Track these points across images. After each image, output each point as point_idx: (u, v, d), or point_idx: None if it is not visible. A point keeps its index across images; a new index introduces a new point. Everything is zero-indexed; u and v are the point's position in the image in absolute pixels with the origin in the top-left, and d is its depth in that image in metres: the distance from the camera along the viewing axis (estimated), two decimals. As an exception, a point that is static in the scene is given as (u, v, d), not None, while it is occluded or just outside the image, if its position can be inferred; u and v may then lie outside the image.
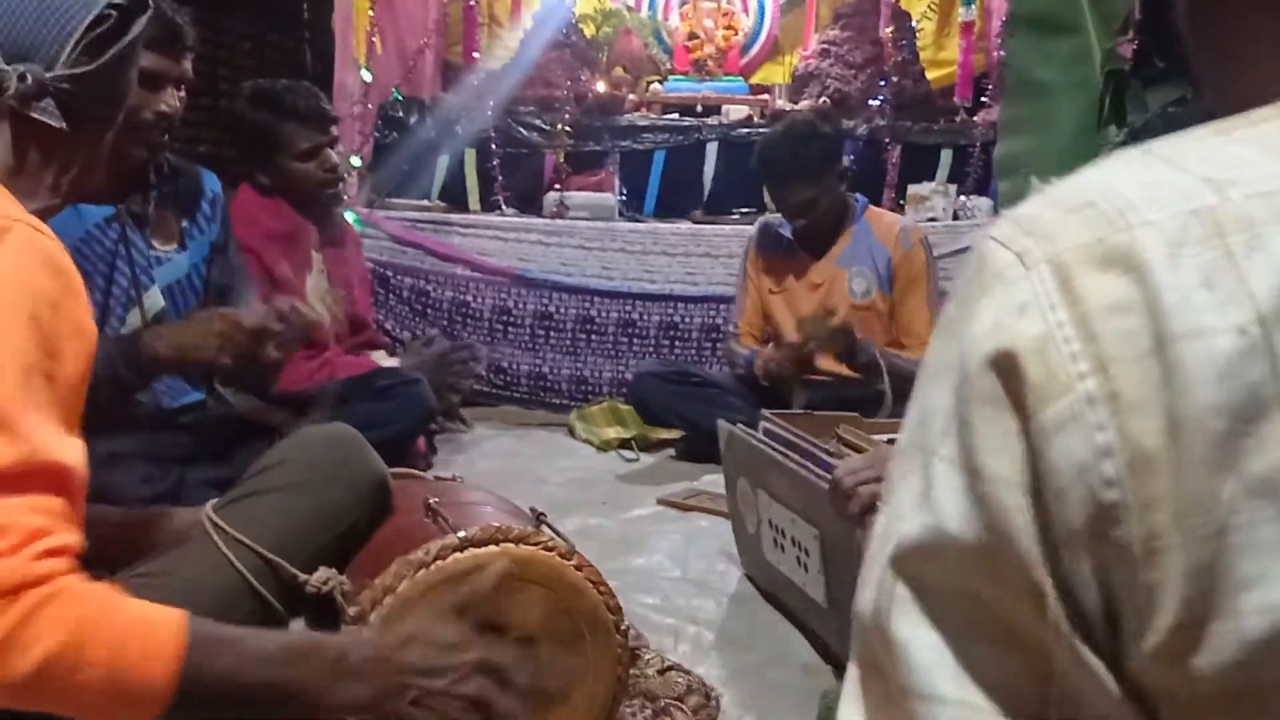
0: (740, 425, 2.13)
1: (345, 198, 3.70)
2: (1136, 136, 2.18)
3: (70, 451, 0.92)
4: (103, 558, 1.26)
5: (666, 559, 2.31)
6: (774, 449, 1.92)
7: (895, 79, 4.24)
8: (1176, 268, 0.37)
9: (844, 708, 0.45)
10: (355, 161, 3.87)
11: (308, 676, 0.99)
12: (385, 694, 1.02)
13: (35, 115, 1.03)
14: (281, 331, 1.76)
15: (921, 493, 0.42)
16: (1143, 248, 0.38)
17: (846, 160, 3.20)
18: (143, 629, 0.91)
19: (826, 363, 2.95)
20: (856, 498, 1.53)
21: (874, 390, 2.78)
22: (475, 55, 4.31)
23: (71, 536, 0.91)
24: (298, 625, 1.32)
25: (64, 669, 0.86)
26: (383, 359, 2.96)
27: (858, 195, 3.16)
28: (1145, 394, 0.37)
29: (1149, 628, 0.37)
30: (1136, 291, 0.38)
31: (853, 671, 0.46)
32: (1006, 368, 0.39)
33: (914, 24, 4.28)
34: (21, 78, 1.02)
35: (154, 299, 2.00)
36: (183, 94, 1.89)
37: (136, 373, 1.74)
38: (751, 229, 3.33)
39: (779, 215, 3.29)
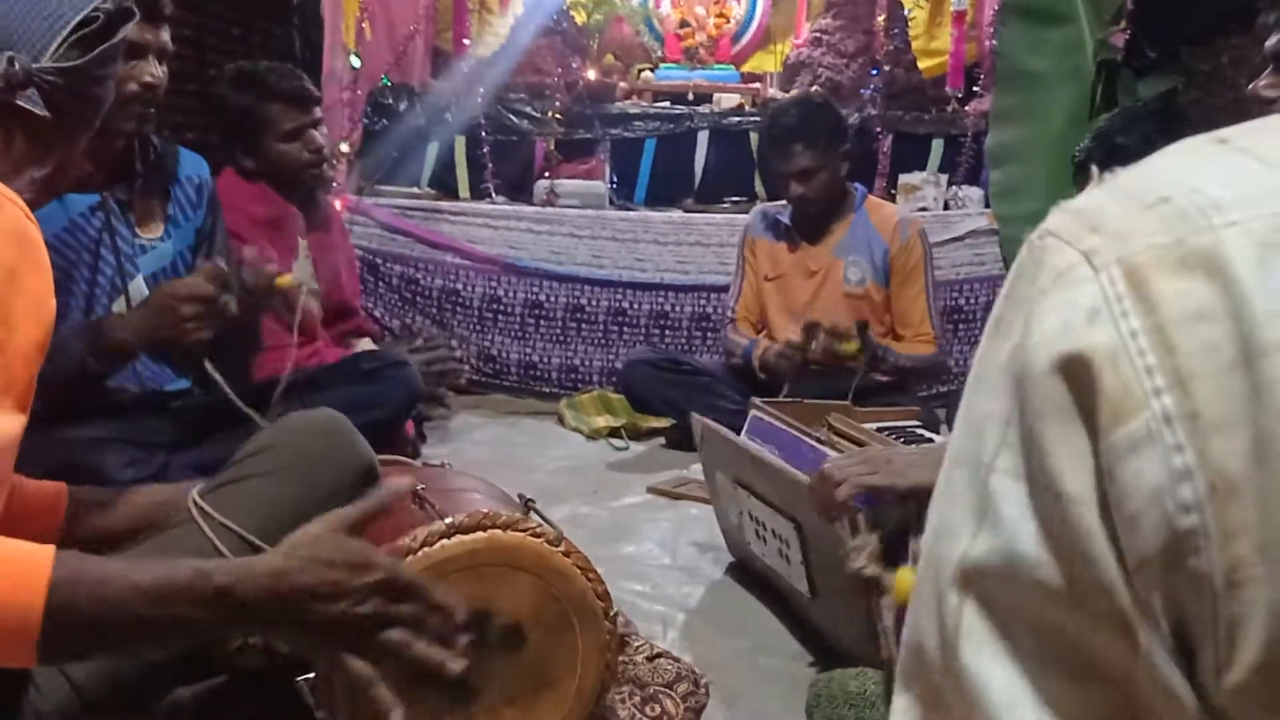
0: (711, 419, 2.10)
1: (334, 184, 3.68)
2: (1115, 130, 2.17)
3: (7, 420, 0.91)
4: (92, 537, 1.26)
5: (656, 547, 2.31)
6: (747, 443, 1.91)
7: (887, 68, 4.24)
8: (1267, 273, 0.34)
9: None
10: (343, 148, 3.85)
11: (187, 614, 0.93)
12: (279, 624, 0.97)
13: (19, 103, 1.06)
14: (234, 280, 1.76)
15: (978, 509, 0.38)
16: (1228, 251, 0.34)
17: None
18: (9, 560, 0.89)
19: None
20: (846, 485, 1.52)
21: (868, 380, 2.80)
22: (465, 42, 4.28)
23: None
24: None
25: None
26: (369, 347, 2.94)
27: (857, 185, 3.16)
28: (1228, 412, 0.34)
29: (1231, 664, 0.34)
30: (1220, 299, 0.34)
31: (905, 704, 0.42)
32: (1077, 376, 0.36)
33: (906, 13, 4.27)
34: (10, 62, 1.04)
35: (139, 287, 1.98)
36: (164, 67, 1.88)
37: (102, 360, 1.72)
38: (745, 217, 3.33)
39: (775, 203, 3.29)
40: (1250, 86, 1.49)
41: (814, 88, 4.22)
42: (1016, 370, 0.38)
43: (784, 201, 3.22)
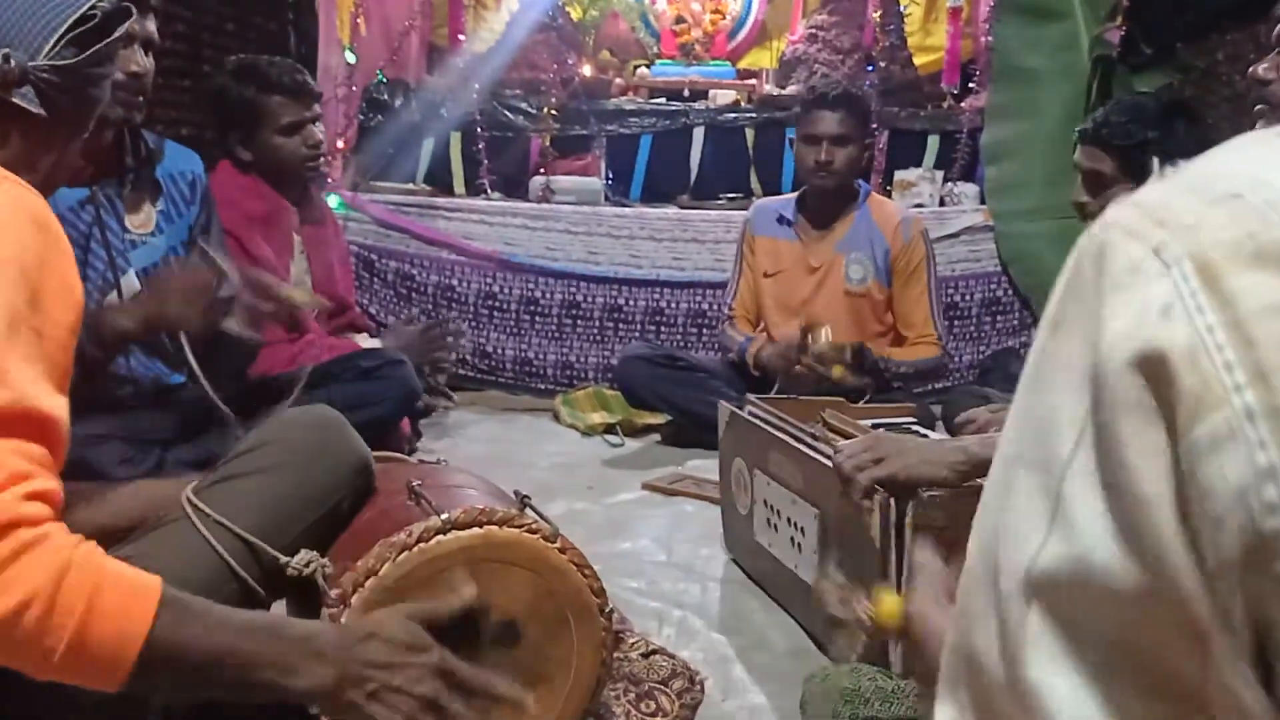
0: (706, 415, 2.12)
1: (329, 179, 3.68)
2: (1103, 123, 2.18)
3: (55, 404, 0.92)
4: (85, 532, 1.25)
5: (651, 543, 2.31)
6: (778, 429, 1.93)
7: (882, 64, 4.23)
8: None
9: None
10: (338, 144, 3.84)
11: (273, 651, 0.99)
12: (346, 681, 1.02)
13: (15, 101, 1.06)
14: (242, 299, 1.75)
15: (1049, 513, 0.37)
16: None
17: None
18: (119, 586, 0.91)
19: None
20: (855, 484, 1.53)
21: (870, 388, 2.81)
22: (461, 38, 4.27)
23: (54, 484, 0.91)
24: (279, 608, 1.31)
25: (38, 615, 0.86)
26: (365, 341, 2.94)
27: (861, 182, 3.16)
28: None
29: None
30: None
31: (952, 714, 0.41)
32: (1156, 373, 0.35)
33: (902, 9, 4.27)
34: (5, 60, 1.05)
35: (130, 282, 1.98)
36: (150, 58, 1.87)
37: (98, 347, 1.72)
38: (743, 213, 3.32)
39: (776, 197, 3.29)
40: (1250, 69, 1.49)
41: (810, 84, 4.22)
42: (1090, 368, 0.36)
43: (786, 196, 3.22)
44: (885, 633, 0.96)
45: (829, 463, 1.68)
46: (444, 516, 1.21)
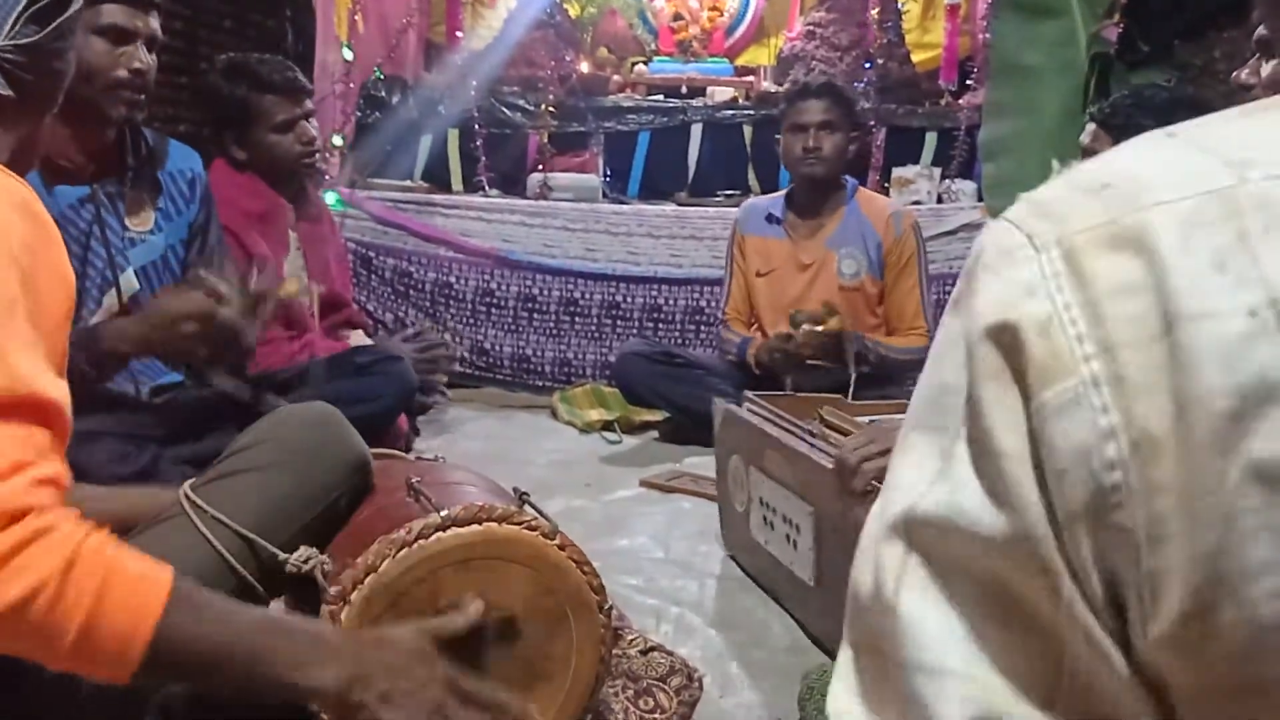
0: (704, 412, 2.12)
1: (326, 176, 3.67)
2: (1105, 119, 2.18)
3: (57, 388, 0.92)
4: None
5: (649, 540, 2.31)
6: (773, 426, 1.93)
7: (880, 61, 4.23)
8: (1187, 249, 0.36)
9: (834, 687, 0.44)
10: (337, 141, 3.84)
11: (284, 647, 0.99)
12: (355, 682, 1.01)
13: None
14: (255, 319, 1.76)
15: (938, 470, 0.41)
16: (1154, 229, 0.37)
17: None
18: (130, 575, 0.91)
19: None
20: (861, 474, 1.54)
21: (861, 374, 2.81)
22: (459, 34, 4.27)
23: (59, 469, 0.91)
24: (278, 605, 1.31)
25: (46, 603, 0.85)
26: (361, 339, 2.94)
27: (848, 177, 3.16)
28: (1151, 377, 0.36)
29: (1155, 615, 0.36)
30: (1146, 274, 0.37)
31: (844, 654, 0.45)
32: (1008, 341, 0.39)
33: (900, 6, 4.27)
34: None
35: (129, 280, 1.97)
36: (153, 56, 1.87)
37: (95, 366, 1.72)
38: (737, 212, 3.32)
39: (765, 196, 3.29)
40: (1233, 75, 1.50)
41: (789, 87, 4.22)
42: (963, 339, 0.40)
43: (774, 195, 3.22)
44: None
45: (824, 461, 1.68)
46: (444, 513, 1.21)
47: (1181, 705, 0.37)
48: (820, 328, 2.83)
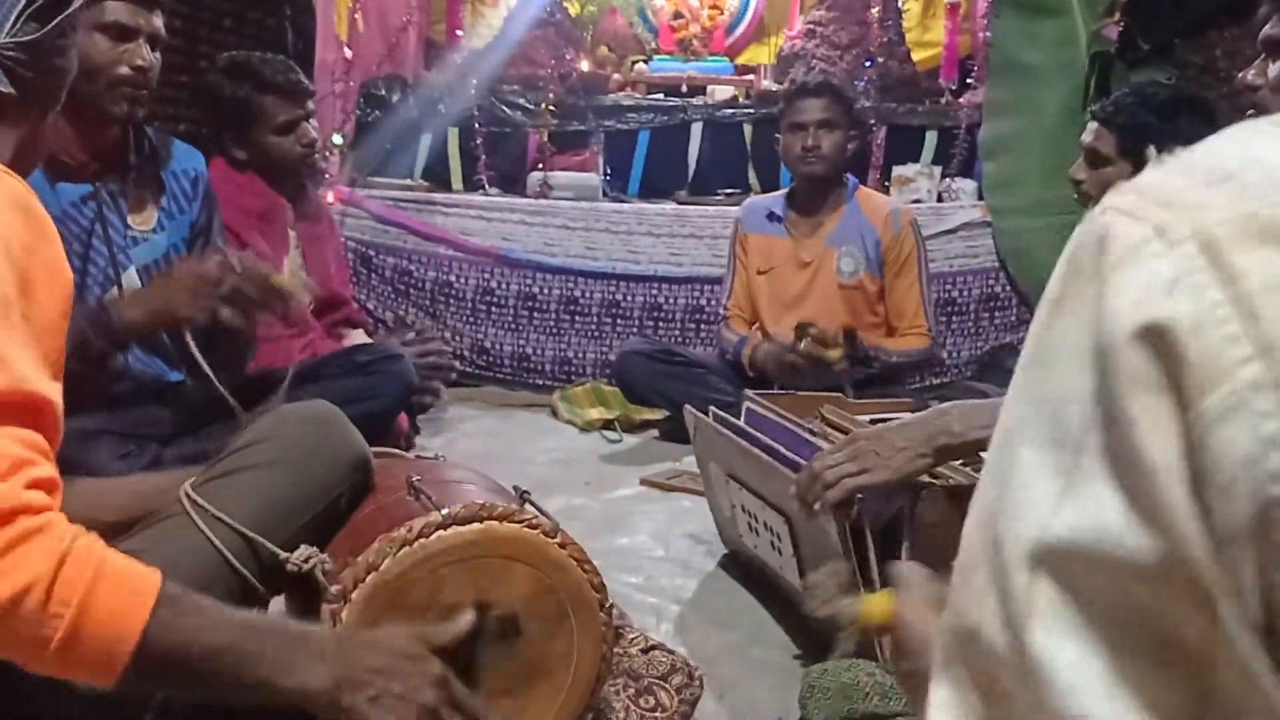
0: (713, 409, 2.10)
1: (326, 175, 3.67)
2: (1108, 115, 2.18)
3: (51, 389, 0.92)
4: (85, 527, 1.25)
5: (649, 539, 2.31)
6: (739, 437, 1.91)
7: (881, 60, 4.23)
8: None
9: None
10: (337, 139, 3.83)
11: (272, 650, 0.98)
12: (344, 683, 1.01)
13: None
14: (240, 288, 1.74)
15: (1062, 489, 0.37)
16: None
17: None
18: (119, 578, 0.91)
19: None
20: (838, 487, 1.51)
21: (861, 374, 2.81)
22: (459, 33, 4.27)
23: (52, 471, 0.91)
24: (278, 604, 1.31)
25: (36, 603, 0.85)
26: (360, 338, 2.94)
27: (848, 175, 3.16)
28: None
29: None
30: None
31: (947, 692, 0.41)
32: (1161, 345, 0.35)
33: (900, 5, 4.27)
34: None
35: (131, 278, 1.97)
36: (157, 54, 1.87)
37: (107, 339, 1.72)
38: (737, 210, 3.32)
39: (766, 195, 3.29)
40: (1240, 75, 1.50)
41: (788, 86, 4.22)
42: (1094, 344, 0.37)
43: (775, 193, 3.22)
44: (875, 632, 0.97)
45: (787, 471, 1.65)
46: (444, 512, 1.21)
47: None
48: (826, 352, 2.81)
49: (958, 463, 1.61)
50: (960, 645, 0.41)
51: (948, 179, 4.00)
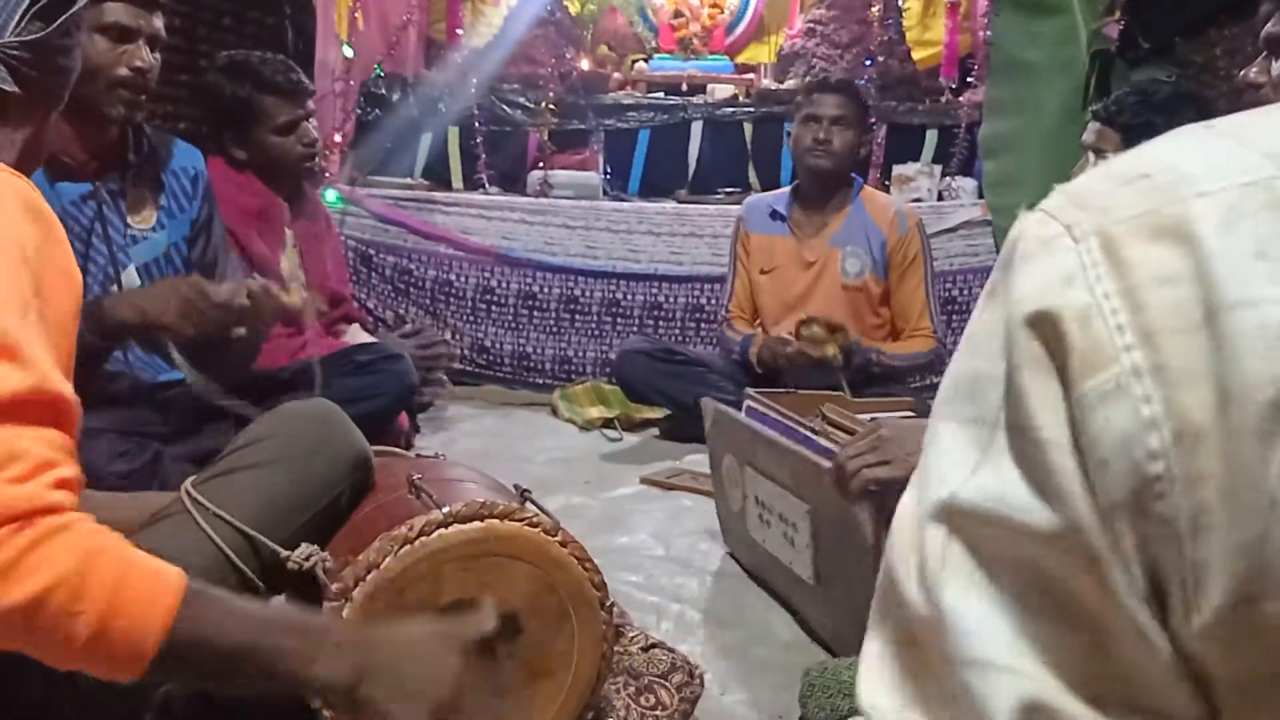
0: (727, 402, 2.13)
1: (326, 174, 3.67)
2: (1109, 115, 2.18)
3: (68, 388, 0.93)
4: None
5: (650, 537, 2.31)
6: (763, 425, 1.92)
7: (881, 59, 4.23)
8: (1229, 238, 0.36)
9: (864, 679, 0.44)
10: (337, 139, 3.83)
11: (294, 645, 0.99)
12: (363, 677, 1.01)
13: None
14: (249, 310, 1.75)
15: (978, 460, 0.40)
16: (1195, 218, 0.37)
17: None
18: (144, 574, 0.91)
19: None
20: (859, 477, 1.52)
21: (862, 374, 2.83)
22: (459, 32, 4.27)
23: (75, 470, 0.91)
24: (279, 603, 1.31)
25: (61, 601, 0.86)
26: (359, 334, 2.94)
27: (854, 175, 3.17)
28: (1194, 366, 0.36)
29: (1197, 607, 0.36)
30: (1187, 262, 0.37)
31: (874, 645, 0.44)
32: (1048, 331, 0.38)
33: (900, 3, 4.27)
34: None
35: (131, 277, 1.97)
36: (156, 55, 1.87)
37: (99, 335, 1.72)
38: (739, 209, 3.32)
39: (769, 192, 3.29)
40: (1241, 73, 1.50)
41: (807, 79, 4.22)
42: (1002, 328, 0.40)
43: (778, 191, 3.22)
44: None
45: (818, 459, 1.67)
46: (445, 510, 1.21)
47: (1224, 696, 0.37)
48: (822, 349, 2.82)
49: None
50: (885, 600, 0.44)
51: (948, 178, 4.00)
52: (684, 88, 4.28)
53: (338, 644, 1.01)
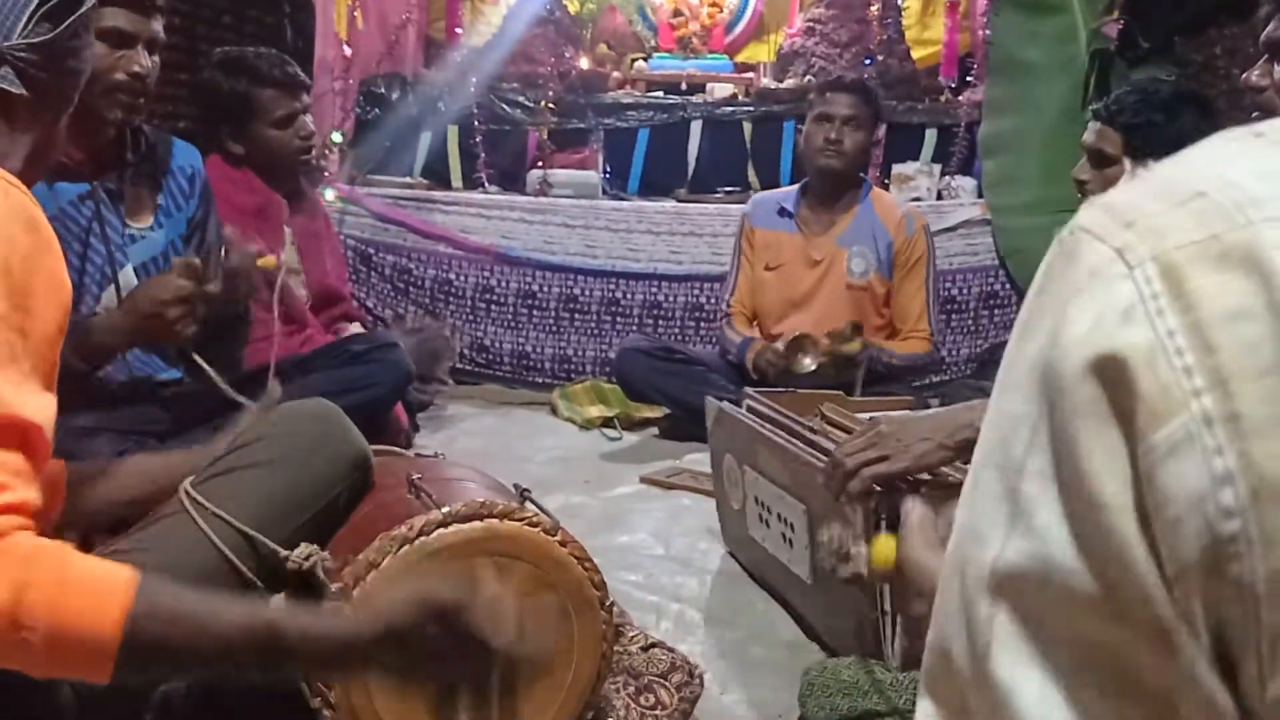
0: (727, 402, 2.13)
1: (326, 172, 3.67)
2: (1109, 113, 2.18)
3: (37, 407, 0.91)
4: (92, 510, 1.25)
5: (649, 537, 2.31)
6: (764, 425, 1.92)
7: (880, 58, 4.23)
8: None
9: None
10: (336, 137, 3.83)
11: (265, 625, 0.97)
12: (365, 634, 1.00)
13: None
14: (233, 282, 1.75)
15: (1010, 515, 0.37)
16: (1266, 246, 0.33)
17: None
18: (85, 583, 0.90)
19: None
20: (859, 477, 1.51)
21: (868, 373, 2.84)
22: (458, 31, 4.27)
23: (30, 493, 0.90)
24: (278, 602, 1.30)
25: (3, 628, 0.85)
26: (359, 331, 2.93)
27: (863, 175, 3.17)
28: (1271, 413, 0.33)
29: (1275, 674, 0.33)
30: (1260, 296, 0.33)
31: (928, 709, 0.41)
32: (1113, 377, 0.35)
33: (899, 2, 4.27)
34: None
35: (128, 277, 1.97)
36: (155, 58, 1.87)
37: (86, 360, 1.72)
38: (741, 206, 3.31)
39: (776, 190, 3.29)
40: (1243, 76, 1.50)
41: (807, 78, 4.22)
42: (1045, 372, 0.36)
43: (786, 188, 3.22)
44: (881, 576, 1.03)
45: (814, 460, 1.66)
46: (445, 510, 1.21)
47: None
48: (844, 347, 2.82)
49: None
50: (937, 663, 0.41)
51: (947, 177, 4.00)
52: (683, 87, 4.28)
53: (330, 616, 1.01)
